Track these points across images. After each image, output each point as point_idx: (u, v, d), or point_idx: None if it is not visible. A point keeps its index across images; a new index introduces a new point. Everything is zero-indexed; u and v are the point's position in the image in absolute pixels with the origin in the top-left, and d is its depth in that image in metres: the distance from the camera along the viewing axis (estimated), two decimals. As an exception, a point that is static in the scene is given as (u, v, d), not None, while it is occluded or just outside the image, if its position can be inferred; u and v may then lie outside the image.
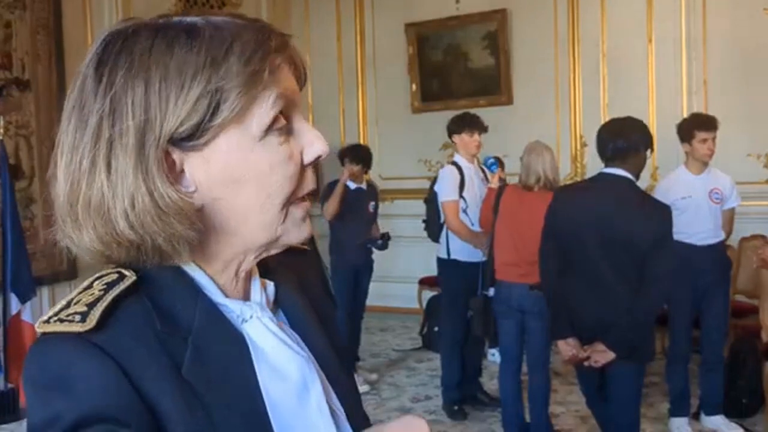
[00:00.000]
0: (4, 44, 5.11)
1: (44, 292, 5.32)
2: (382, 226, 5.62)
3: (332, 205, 5.10)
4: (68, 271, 5.52)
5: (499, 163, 5.09)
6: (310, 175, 0.77)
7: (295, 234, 0.78)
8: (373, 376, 5.42)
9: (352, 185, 5.25)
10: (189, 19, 0.73)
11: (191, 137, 0.70)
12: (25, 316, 4.78)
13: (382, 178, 7.20)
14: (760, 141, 5.85)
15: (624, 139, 3.09)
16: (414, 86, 7.23)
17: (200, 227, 0.72)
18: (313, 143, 0.76)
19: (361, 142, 6.95)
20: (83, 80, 0.72)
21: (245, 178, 0.72)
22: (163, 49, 0.69)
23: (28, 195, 5.26)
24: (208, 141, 0.71)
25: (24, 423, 4.70)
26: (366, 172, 5.49)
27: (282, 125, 0.74)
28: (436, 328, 5.80)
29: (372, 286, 5.49)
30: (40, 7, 5.30)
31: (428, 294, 6.38)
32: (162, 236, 0.70)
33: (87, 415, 0.64)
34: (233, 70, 0.69)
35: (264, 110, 0.72)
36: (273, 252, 0.80)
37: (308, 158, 0.76)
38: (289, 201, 0.75)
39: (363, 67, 7.53)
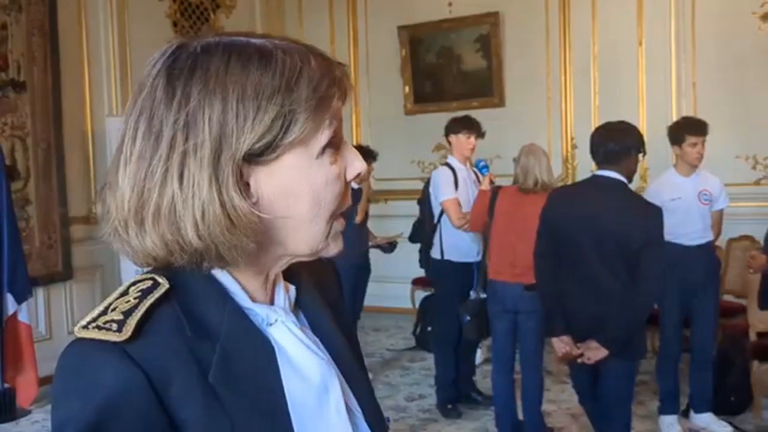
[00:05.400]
0: (0, 46, 5.13)
1: (39, 292, 5.32)
2: (376, 227, 5.64)
3: (360, 215, 5.08)
4: (63, 272, 5.53)
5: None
6: (348, 192, 0.83)
7: (333, 248, 0.83)
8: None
9: (354, 185, 5.25)
10: (256, 41, 0.77)
11: (262, 153, 0.75)
12: (22, 317, 4.79)
13: (375, 179, 7.24)
14: (748, 143, 5.92)
15: (617, 142, 3.16)
16: (407, 88, 7.28)
17: (260, 239, 0.76)
18: (353, 162, 0.82)
19: (355, 143, 6.98)
20: (151, 90, 0.75)
21: (303, 193, 0.77)
22: (238, 70, 0.73)
23: (24, 196, 5.28)
24: (276, 157, 0.75)
25: (20, 422, 4.75)
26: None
27: (335, 143, 0.79)
28: (429, 328, 5.85)
29: (366, 287, 5.52)
30: (35, 9, 5.32)
31: (421, 294, 6.43)
32: (226, 246, 0.74)
33: (101, 421, 0.68)
34: (303, 96, 0.75)
35: (324, 131, 0.77)
36: (303, 260, 0.84)
37: (349, 176, 0.82)
38: (334, 216, 0.81)
39: (356, 70, 7.54)
